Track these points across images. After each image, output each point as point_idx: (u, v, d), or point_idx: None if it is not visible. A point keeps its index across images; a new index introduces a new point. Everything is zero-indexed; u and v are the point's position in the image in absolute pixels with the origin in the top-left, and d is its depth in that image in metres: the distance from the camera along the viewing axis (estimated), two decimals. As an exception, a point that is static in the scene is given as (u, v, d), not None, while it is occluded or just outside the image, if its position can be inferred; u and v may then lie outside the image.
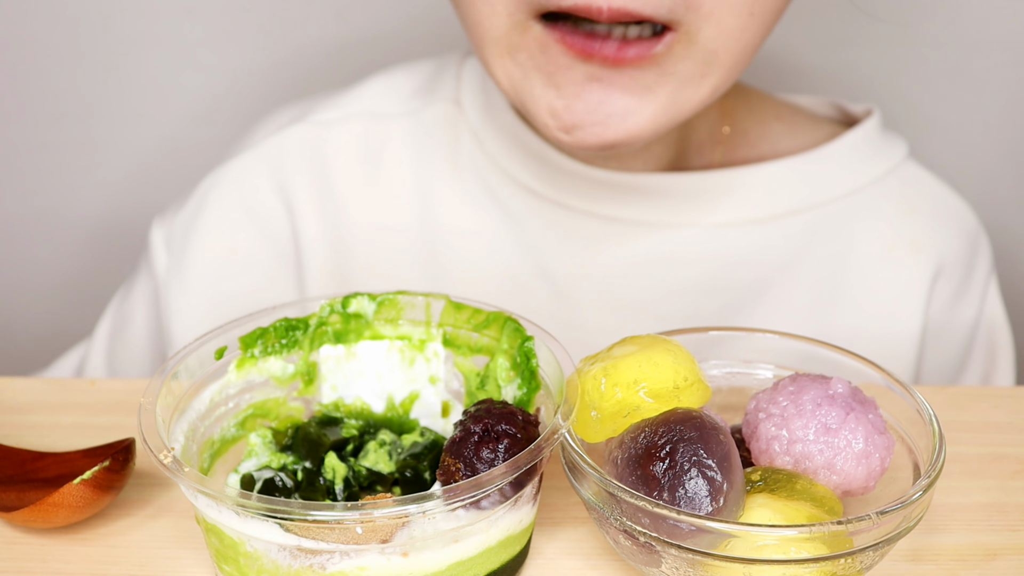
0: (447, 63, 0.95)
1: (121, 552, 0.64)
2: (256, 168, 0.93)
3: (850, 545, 0.56)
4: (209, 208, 0.93)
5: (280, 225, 0.93)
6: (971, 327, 0.94)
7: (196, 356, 0.66)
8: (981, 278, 0.94)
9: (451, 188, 0.92)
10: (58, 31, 1.16)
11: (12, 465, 0.69)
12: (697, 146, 0.91)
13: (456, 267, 0.91)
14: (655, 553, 0.57)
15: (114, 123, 1.20)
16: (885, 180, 0.92)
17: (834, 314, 0.91)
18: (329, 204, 0.92)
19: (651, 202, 0.88)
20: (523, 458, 0.57)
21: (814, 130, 0.93)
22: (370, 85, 0.96)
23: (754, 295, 0.90)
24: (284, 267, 0.94)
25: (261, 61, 1.18)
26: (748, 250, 0.90)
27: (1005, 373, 0.96)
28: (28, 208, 1.24)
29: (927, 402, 0.64)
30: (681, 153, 0.90)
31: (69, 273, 1.27)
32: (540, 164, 0.89)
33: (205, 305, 0.92)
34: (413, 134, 0.93)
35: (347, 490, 0.65)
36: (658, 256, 0.89)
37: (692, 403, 0.61)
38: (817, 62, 1.16)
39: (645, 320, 0.90)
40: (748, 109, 0.93)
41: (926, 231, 0.92)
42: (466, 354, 0.69)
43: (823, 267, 0.91)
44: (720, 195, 0.89)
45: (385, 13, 1.16)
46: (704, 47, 0.74)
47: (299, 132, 0.94)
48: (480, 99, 0.92)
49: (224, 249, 0.93)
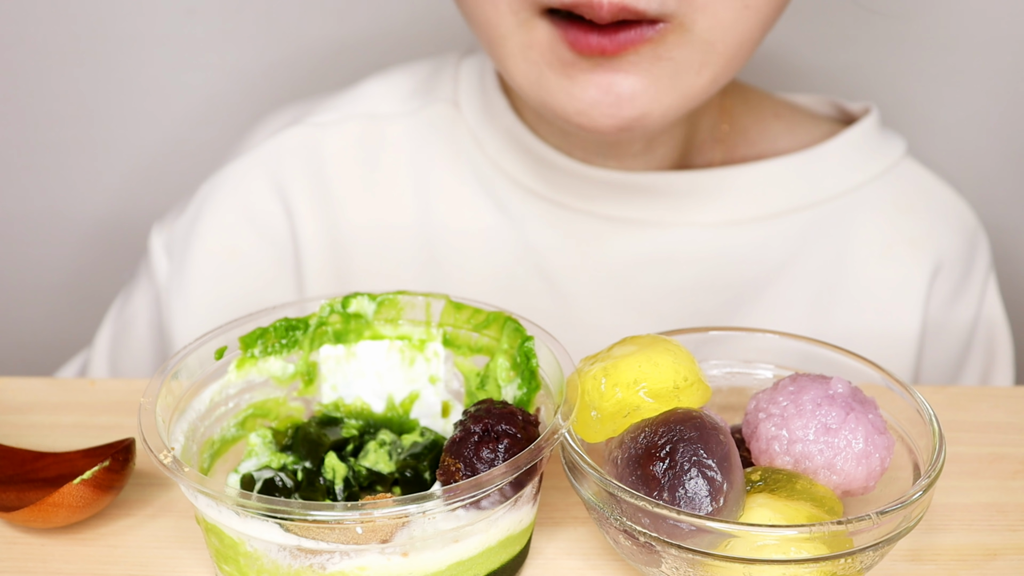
0: (444, 64, 0.95)
1: (121, 552, 0.64)
2: (254, 171, 0.93)
3: (850, 545, 0.56)
4: (208, 213, 0.93)
5: (279, 227, 0.93)
6: (970, 325, 0.94)
7: (196, 356, 0.66)
8: (980, 276, 0.94)
9: (449, 188, 0.92)
10: (58, 31, 1.16)
11: (12, 465, 0.69)
12: (698, 145, 0.91)
13: (455, 267, 0.92)
14: (655, 553, 0.57)
15: (114, 123, 1.20)
16: (883, 178, 0.92)
17: (834, 312, 0.91)
18: (327, 205, 0.93)
19: (650, 201, 0.88)
20: (523, 458, 0.57)
21: (813, 128, 0.93)
22: (367, 86, 0.96)
23: (754, 293, 0.90)
24: (284, 269, 0.94)
25: (262, 61, 1.18)
26: (747, 248, 0.90)
27: (1004, 371, 0.96)
28: (28, 208, 1.24)
29: (927, 402, 0.64)
30: (682, 152, 0.90)
31: (70, 273, 1.27)
32: (539, 164, 0.89)
33: (207, 310, 0.93)
34: (411, 135, 0.93)
35: (347, 490, 0.65)
36: (657, 255, 0.89)
37: (692, 403, 0.61)
38: (816, 62, 1.16)
39: (645, 319, 0.90)
40: (747, 107, 0.93)
41: (925, 229, 0.92)
42: (466, 354, 0.69)
43: (822, 265, 0.91)
44: (719, 193, 0.89)
45: (385, 13, 1.16)
46: (700, 38, 0.74)
47: (296, 134, 0.94)
48: (478, 99, 0.92)
49: (224, 253, 0.93)
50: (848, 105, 0.96)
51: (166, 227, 0.95)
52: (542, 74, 0.77)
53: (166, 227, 0.95)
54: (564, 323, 0.89)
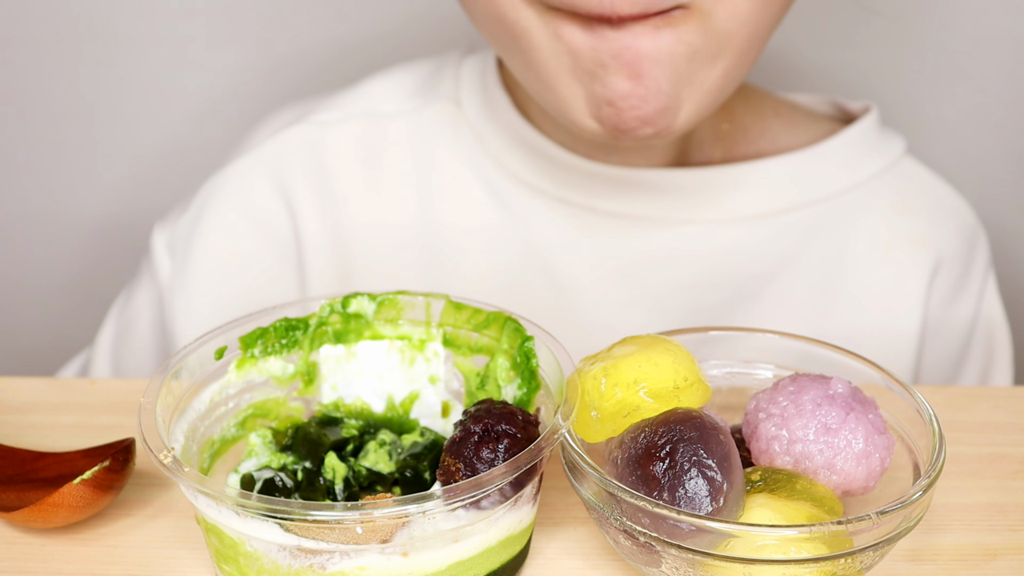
0: (446, 62, 0.95)
1: (121, 552, 0.64)
2: (256, 170, 0.93)
3: (850, 545, 0.56)
4: (211, 212, 0.93)
5: (282, 226, 0.93)
6: (970, 323, 0.94)
7: (196, 356, 0.66)
8: (979, 274, 0.95)
9: (452, 186, 0.92)
10: (58, 31, 1.16)
11: (12, 465, 0.69)
12: (698, 143, 0.91)
13: (458, 265, 0.92)
14: (655, 553, 0.57)
15: (115, 123, 1.20)
16: (883, 176, 0.92)
17: (834, 309, 0.91)
18: (330, 204, 0.93)
19: (653, 198, 0.88)
20: (523, 458, 0.57)
21: (813, 127, 0.93)
22: (369, 85, 0.96)
23: (754, 291, 0.91)
24: (287, 268, 0.94)
25: (262, 61, 1.18)
26: (748, 246, 0.90)
27: (1003, 370, 0.96)
28: (29, 208, 1.24)
29: (927, 402, 0.64)
30: (683, 150, 0.90)
31: (70, 273, 1.27)
32: (542, 160, 0.89)
33: (209, 308, 0.93)
34: (413, 133, 0.93)
35: (347, 490, 0.65)
36: (660, 252, 0.89)
37: (692, 403, 0.61)
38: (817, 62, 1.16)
39: (647, 316, 0.90)
40: (747, 106, 0.93)
41: (924, 227, 0.92)
42: (466, 354, 0.69)
43: (822, 263, 0.91)
44: (721, 191, 0.89)
45: (386, 13, 1.16)
46: (718, 28, 0.74)
47: (298, 133, 0.94)
48: (480, 97, 0.92)
49: (227, 252, 0.93)
50: (848, 104, 0.96)
51: (168, 226, 0.95)
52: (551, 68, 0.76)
53: (168, 226, 0.95)
54: (567, 320, 0.89)
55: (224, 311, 0.91)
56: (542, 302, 0.90)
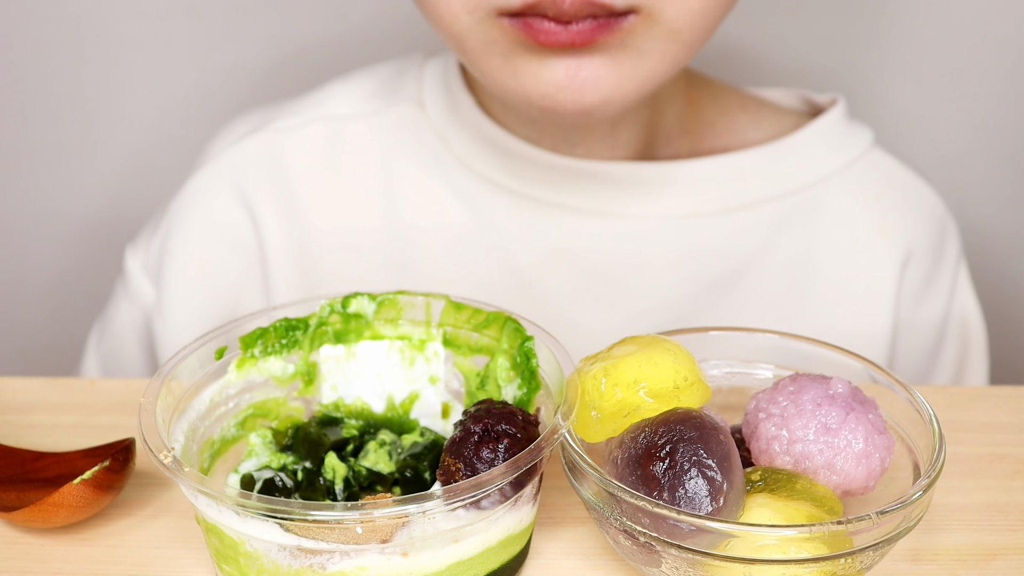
0: (408, 65, 0.95)
1: (121, 552, 0.64)
2: (217, 182, 0.93)
3: (850, 545, 0.56)
4: (177, 229, 0.93)
5: (246, 237, 0.93)
6: (942, 314, 0.94)
7: (196, 356, 0.66)
8: (951, 264, 0.94)
9: (416, 188, 0.91)
10: (57, 31, 1.16)
11: (12, 465, 0.69)
12: (665, 136, 0.91)
13: (425, 267, 0.91)
14: (655, 553, 0.57)
15: (112, 123, 1.20)
16: (851, 168, 0.92)
17: (805, 303, 0.91)
18: (292, 211, 0.92)
19: (619, 192, 0.88)
20: (523, 458, 0.57)
21: (780, 121, 0.93)
22: (328, 89, 0.95)
23: (725, 286, 0.90)
24: (254, 278, 0.93)
25: (260, 61, 1.18)
26: (717, 241, 0.90)
27: (978, 362, 0.96)
28: (24, 208, 1.24)
29: (927, 402, 0.64)
30: (648, 142, 0.90)
31: (66, 273, 1.27)
32: (507, 157, 0.89)
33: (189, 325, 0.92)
34: (375, 136, 0.92)
35: (347, 490, 0.65)
36: (626, 248, 0.89)
37: (692, 403, 0.61)
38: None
39: (615, 312, 0.90)
40: (712, 100, 0.93)
41: (894, 218, 0.92)
42: (466, 354, 0.69)
43: (792, 256, 0.91)
44: (688, 185, 0.89)
45: (386, 13, 1.16)
46: (668, 28, 0.75)
47: (257, 141, 0.93)
48: (443, 98, 0.91)
49: (194, 267, 0.92)
50: (815, 97, 0.96)
51: (141, 248, 0.95)
52: (507, 60, 0.76)
53: (141, 248, 0.95)
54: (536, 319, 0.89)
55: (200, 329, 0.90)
56: (510, 301, 0.90)
